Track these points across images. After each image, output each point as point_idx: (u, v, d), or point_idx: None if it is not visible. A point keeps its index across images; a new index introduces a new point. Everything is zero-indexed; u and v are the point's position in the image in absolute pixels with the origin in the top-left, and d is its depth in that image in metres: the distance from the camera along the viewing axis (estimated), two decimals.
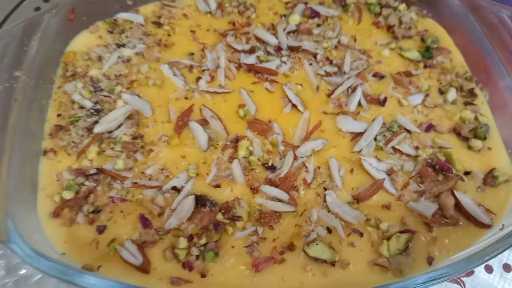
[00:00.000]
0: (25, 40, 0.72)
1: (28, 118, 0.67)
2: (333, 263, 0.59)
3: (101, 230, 0.62)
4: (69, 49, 0.80)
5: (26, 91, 0.68)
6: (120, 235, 0.61)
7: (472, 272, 0.74)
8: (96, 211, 0.63)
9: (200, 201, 0.64)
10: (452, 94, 0.77)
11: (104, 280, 0.52)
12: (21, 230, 0.56)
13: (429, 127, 0.73)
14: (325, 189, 0.66)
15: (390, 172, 0.68)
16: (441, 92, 0.79)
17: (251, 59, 0.79)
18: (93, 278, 0.52)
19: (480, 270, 0.74)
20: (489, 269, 0.74)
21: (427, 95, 0.77)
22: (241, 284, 0.58)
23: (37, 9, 1.11)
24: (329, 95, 0.77)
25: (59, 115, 0.72)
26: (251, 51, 0.80)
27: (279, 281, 0.59)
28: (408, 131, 0.73)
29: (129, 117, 0.72)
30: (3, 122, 0.64)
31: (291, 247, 0.61)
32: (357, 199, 0.65)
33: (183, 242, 0.60)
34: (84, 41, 0.81)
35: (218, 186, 0.66)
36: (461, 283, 0.72)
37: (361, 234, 0.62)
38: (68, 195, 0.63)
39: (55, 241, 0.61)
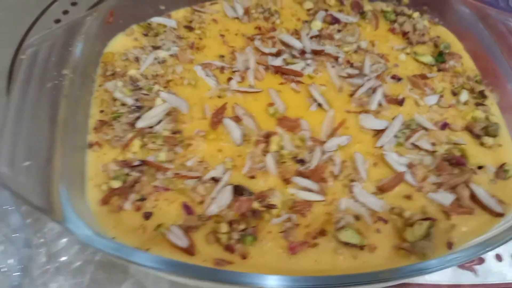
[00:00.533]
0: (69, 41, 0.78)
1: (75, 113, 0.72)
2: (362, 247, 0.65)
3: (147, 216, 0.67)
4: (107, 50, 0.85)
5: (73, 88, 0.73)
6: (166, 221, 0.66)
7: (483, 261, 0.80)
8: (142, 199, 0.68)
9: (238, 190, 0.69)
10: (464, 96, 0.83)
11: (159, 256, 0.57)
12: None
13: (444, 125, 0.79)
14: (352, 181, 0.72)
15: (410, 166, 0.73)
16: (454, 94, 0.85)
17: (277, 62, 0.85)
18: (148, 255, 0.57)
19: (491, 260, 0.80)
20: (499, 258, 0.80)
21: (441, 96, 0.83)
22: (278, 265, 0.63)
23: (65, 12, 1.17)
24: (351, 95, 0.83)
25: (101, 111, 0.77)
26: (278, 54, 0.86)
27: (313, 263, 0.64)
28: (425, 129, 0.79)
29: (168, 113, 0.77)
30: (54, 116, 0.70)
31: (322, 232, 0.66)
32: (381, 190, 0.71)
33: (224, 227, 0.65)
34: (120, 43, 0.87)
35: (253, 177, 0.71)
36: (474, 271, 0.78)
37: (386, 222, 0.68)
38: (116, 184, 0.68)
39: (105, 226, 0.66)
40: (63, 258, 0.80)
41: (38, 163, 0.65)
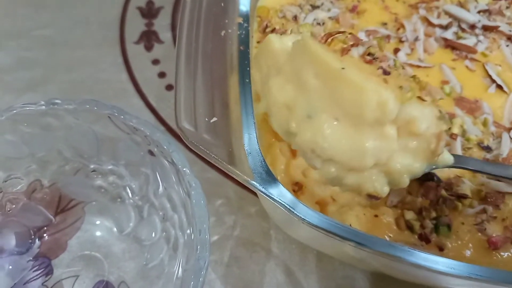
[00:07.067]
0: None
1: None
2: None
3: None
4: (261, 4, 0.77)
5: (248, 40, 0.65)
6: None
7: None
8: None
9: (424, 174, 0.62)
10: None
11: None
12: None
13: None
14: None
15: None
16: None
17: (448, 34, 0.77)
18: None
19: None
20: None
21: None
22: (480, 260, 0.57)
23: None
24: None
25: None
26: (448, 26, 0.78)
27: None
28: None
29: None
30: (226, 69, 0.63)
31: None
32: None
33: (408, 214, 0.59)
34: None
35: None
36: None
37: None
38: None
39: None
40: None
41: (221, 119, 0.58)
